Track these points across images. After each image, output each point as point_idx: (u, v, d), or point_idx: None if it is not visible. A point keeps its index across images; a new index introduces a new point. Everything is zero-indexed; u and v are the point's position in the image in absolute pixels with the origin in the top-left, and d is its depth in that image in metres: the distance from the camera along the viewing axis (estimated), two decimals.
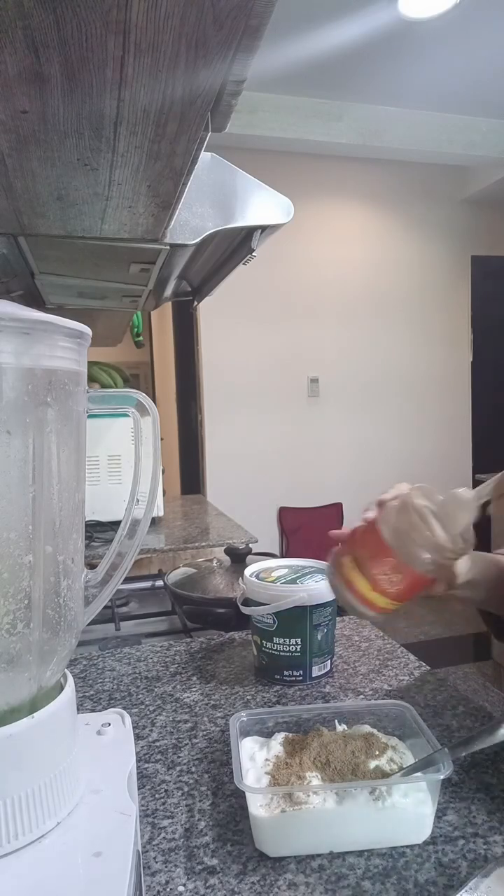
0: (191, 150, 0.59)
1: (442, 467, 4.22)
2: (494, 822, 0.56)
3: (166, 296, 1.39)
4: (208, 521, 2.06)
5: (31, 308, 0.38)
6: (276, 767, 0.57)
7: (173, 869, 0.51)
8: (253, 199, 0.91)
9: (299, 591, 0.82)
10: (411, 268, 4.07)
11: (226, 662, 0.91)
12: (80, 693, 0.83)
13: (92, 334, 0.45)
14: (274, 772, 0.56)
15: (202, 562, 1.24)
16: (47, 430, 0.40)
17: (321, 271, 3.89)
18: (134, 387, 1.32)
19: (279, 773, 0.56)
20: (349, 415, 4.02)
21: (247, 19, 0.39)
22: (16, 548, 0.39)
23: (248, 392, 3.82)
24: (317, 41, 2.66)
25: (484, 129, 3.51)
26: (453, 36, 2.68)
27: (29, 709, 0.39)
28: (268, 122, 3.22)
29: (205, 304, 1.47)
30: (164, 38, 0.41)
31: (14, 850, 0.36)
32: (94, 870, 0.35)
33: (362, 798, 0.52)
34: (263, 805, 0.53)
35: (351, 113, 3.34)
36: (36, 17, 0.38)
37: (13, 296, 1.30)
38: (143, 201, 0.74)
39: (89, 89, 0.47)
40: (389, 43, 2.72)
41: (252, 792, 0.53)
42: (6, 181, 0.67)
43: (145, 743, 0.70)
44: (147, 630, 1.17)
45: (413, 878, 0.50)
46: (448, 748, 0.54)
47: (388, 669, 0.87)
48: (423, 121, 3.43)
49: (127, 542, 0.49)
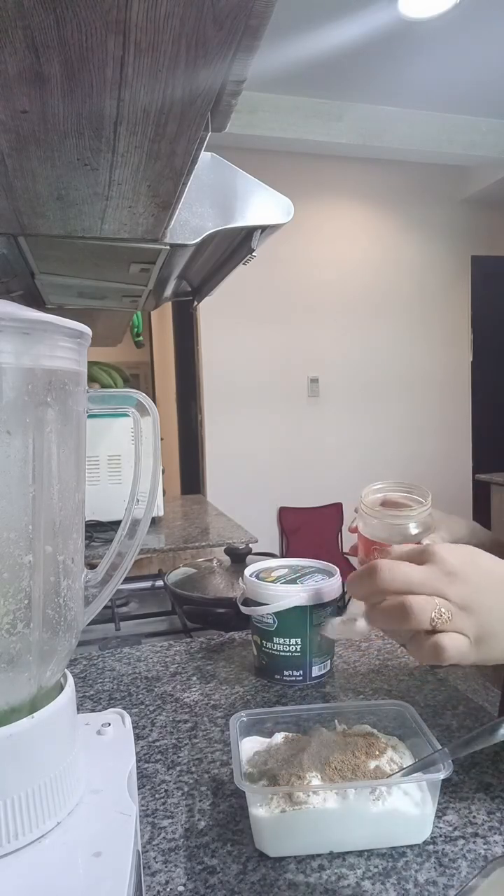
0: (191, 150, 0.59)
1: (442, 467, 4.23)
2: (494, 822, 0.56)
3: (166, 296, 1.39)
4: (208, 521, 2.06)
5: (31, 308, 0.38)
6: (277, 767, 0.57)
7: (173, 869, 0.51)
8: (253, 199, 0.91)
9: (299, 591, 0.82)
10: (411, 268, 4.08)
11: (226, 662, 0.91)
12: (80, 693, 0.83)
13: (92, 334, 0.45)
14: (274, 772, 0.56)
15: (202, 562, 1.24)
16: (47, 430, 0.40)
17: (321, 271, 3.89)
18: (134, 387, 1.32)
19: (279, 774, 0.56)
20: (349, 415, 4.02)
21: (247, 19, 0.39)
22: (16, 548, 0.39)
23: (248, 392, 3.82)
24: (317, 41, 2.67)
25: (484, 129, 3.52)
26: (453, 36, 2.68)
27: (29, 709, 0.39)
28: (268, 122, 3.22)
29: (205, 304, 1.47)
30: (164, 38, 0.41)
31: (14, 850, 0.36)
32: (94, 870, 0.35)
33: (362, 798, 0.52)
34: (263, 805, 0.53)
35: (351, 113, 3.34)
36: (36, 17, 0.38)
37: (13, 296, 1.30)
38: (143, 201, 0.74)
39: (89, 89, 0.47)
40: (389, 43, 2.72)
41: (252, 792, 0.53)
42: (6, 181, 0.67)
43: (145, 743, 0.70)
44: (147, 630, 1.17)
45: (413, 878, 0.50)
46: (448, 748, 0.54)
47: (388, 669, 0.87)
48: (423, 121, 3.44)
49: (127, 542, 0.49)
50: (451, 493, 4.25)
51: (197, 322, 3.76)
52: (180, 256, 1.00)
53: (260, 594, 0.84)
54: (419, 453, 4.18)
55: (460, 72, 2.99)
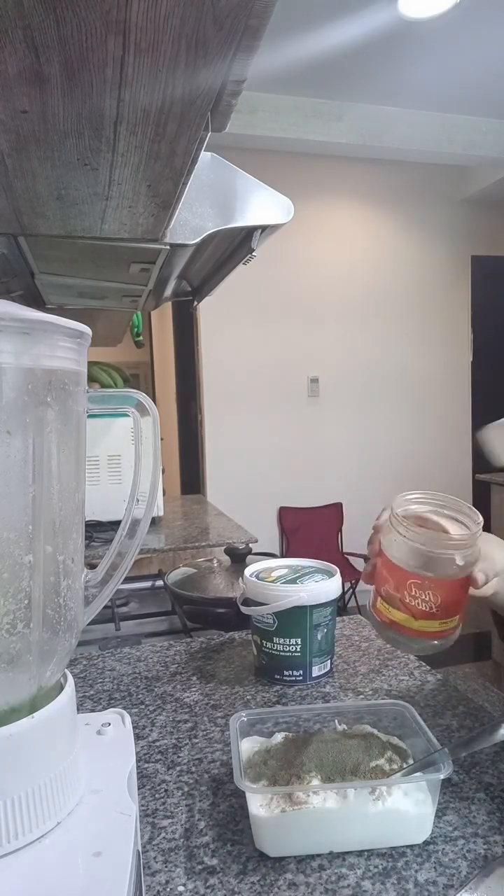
0: (191, 150, 0.59)
1: (442, 467, 4.22)
2: (494, 822, 0.56)
3: (166, 296, 1.39)
4: (208, 521, 2.06)
5: (31, 308, 0.38)
6: (277, 767, 0.57)
7: (173, 869, 0.51)
8: (253, 199, 0.91)
9: (299, 591, 0.82)
10: (411, 268, 4.08)
11: (226, 662, 0.91)
12: (80, 693, 0.83)
13: (92, 334, 0.45)
14: (274, 772, 0.56)
15: (202, 562, 1.24)
16: (47, 430, 0.40)
17: (321, 271, 3.89)
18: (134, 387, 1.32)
19: (279, 774, 0.56)
20: (349, 415, 4.02)
21: (247, 19, 0.39)
22: (16, 548, 0.39)
23: (248, 392, 3.82)
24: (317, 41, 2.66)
25: (484, 129, 3.52)
26: (453, 36, 2.68)
27: (29, 709, 0.39)
28: (268, 122, 3.22)
29: (205, 304, 1.47)
30: (164, 38, 0.41)
31: (14, 850, 0.36)
32: (94, 870, 0.35)
33: (362, 798, 0.52)
34: (263, 805, 0.53)
35: (351, 113, 3.34)
36: (36, 17, 0.38)
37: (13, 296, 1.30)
38: (143, 201, 0.74)
39: (89, 89, 0.47)
40: (389, 43, 2.72)
41: (252, 792, 0.53)
42: (6, 181, 0.67)
43: (145, 743, 0.70)
44: (147, 630, 1.17)
45: (413, 878, 0.50)
46: (448, 748, 0.54)
47: (388, 669, 0.86)
48: (423, 121, 3.43)
49: (127, 541, 0.48)
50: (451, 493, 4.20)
51: (197, 322, 3.76)
52: (180, 256, 1.00)
53: (260, 594, 0.84)
54: (419, 453, 4.18)
55: (460, 72, 2.99)
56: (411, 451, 4.16)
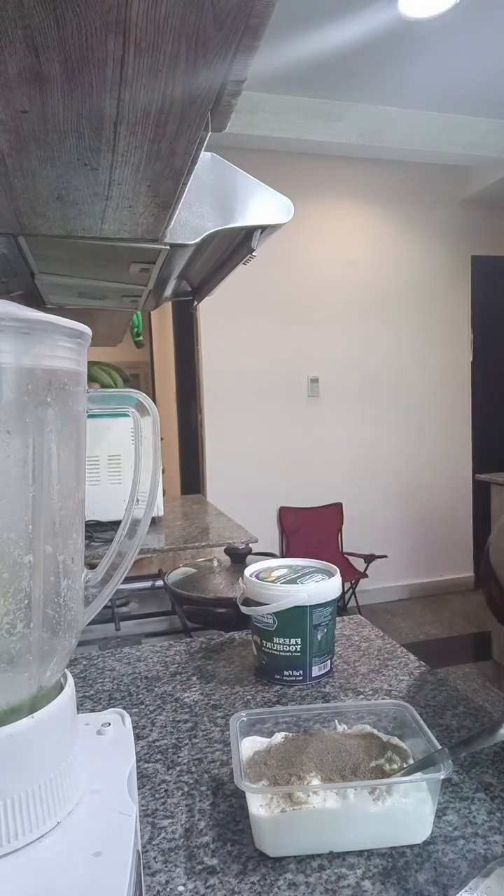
0: (191, 149, 0.59)
1: (442, 467, 4.23)
2: (494, 822, 0.56)
3: (166, 296, 1.39)
4: (208, 521, 2.06)
5: (31, 308, 0.38)
6: (277, 767, 0.57)
7: (173, 869, 0.51)
8: (253, 198, 0.91)
9: (299, 591, 0.82)
10: (411, 268, 4.08)
11: (226, 662, 0.91)
12: (80, 693, 0.83)
13: (92, 334, 0.45)
14: (274, 772, 0.56)
15: (202, 562, 1.24)
16: (47, 430, 0.40)
17: (321, 271, 3.89)
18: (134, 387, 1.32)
19: (279, 774, 0.56)
20: (349, 415, 4.02)
21: (247, 19, 0.39)
22: (16, 548, 0.39)
23: (248, 392, 3.82)
24: (317, 41, 2.66)
25: (484, 129, 3.51)
26: (453, 36, 2.68)
27: (29, 709, 0.39)
28: (268, 122, 3.22)
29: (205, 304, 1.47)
30: (164, 38, 0.41)
31: (14, 850, 0.36)
32: (94, 870, 0.35)
33: (362, 798, 0.52)
34: (263, 805, 0.53)
35: (351, 113, 3.34)
36: (36, 17, 0.38)
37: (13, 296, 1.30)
38: (143, 201, 0.74)
39: (89, 89, 0.47)
40: (389, 43, 2.72)
41: (252, 792, 0.53)
42: (6, 181, 0.67)
43: (145, 743, 0.70)
44: (147, 630, 1.17)
45: (413, 878, 0.50)
46: (448, 748, 0.54)
47: (388, 669, 0.87)
48: (423, 121, 3.43)
49: (127, 541, 0.49)
50: (451, 493, 4.26)
51: (197, 322, 3.76)
52: (180, 256, 1.00)
53: (260, 594, 0.84)
54: (419, 453, 4.18)
55: (460, 72, 2.99)
56: (411, 451, 4.16)
